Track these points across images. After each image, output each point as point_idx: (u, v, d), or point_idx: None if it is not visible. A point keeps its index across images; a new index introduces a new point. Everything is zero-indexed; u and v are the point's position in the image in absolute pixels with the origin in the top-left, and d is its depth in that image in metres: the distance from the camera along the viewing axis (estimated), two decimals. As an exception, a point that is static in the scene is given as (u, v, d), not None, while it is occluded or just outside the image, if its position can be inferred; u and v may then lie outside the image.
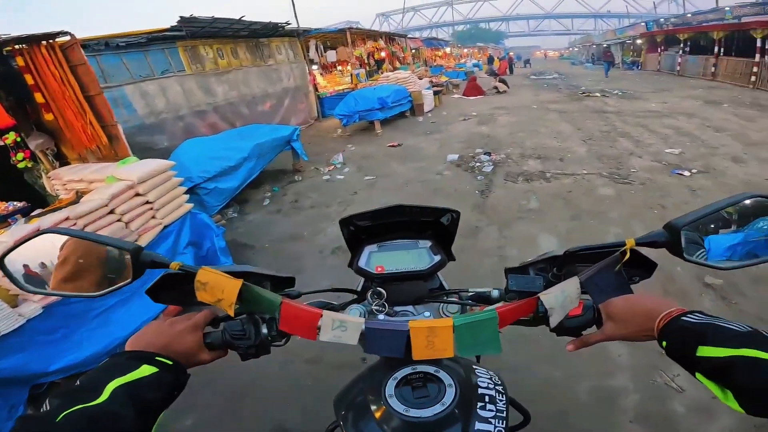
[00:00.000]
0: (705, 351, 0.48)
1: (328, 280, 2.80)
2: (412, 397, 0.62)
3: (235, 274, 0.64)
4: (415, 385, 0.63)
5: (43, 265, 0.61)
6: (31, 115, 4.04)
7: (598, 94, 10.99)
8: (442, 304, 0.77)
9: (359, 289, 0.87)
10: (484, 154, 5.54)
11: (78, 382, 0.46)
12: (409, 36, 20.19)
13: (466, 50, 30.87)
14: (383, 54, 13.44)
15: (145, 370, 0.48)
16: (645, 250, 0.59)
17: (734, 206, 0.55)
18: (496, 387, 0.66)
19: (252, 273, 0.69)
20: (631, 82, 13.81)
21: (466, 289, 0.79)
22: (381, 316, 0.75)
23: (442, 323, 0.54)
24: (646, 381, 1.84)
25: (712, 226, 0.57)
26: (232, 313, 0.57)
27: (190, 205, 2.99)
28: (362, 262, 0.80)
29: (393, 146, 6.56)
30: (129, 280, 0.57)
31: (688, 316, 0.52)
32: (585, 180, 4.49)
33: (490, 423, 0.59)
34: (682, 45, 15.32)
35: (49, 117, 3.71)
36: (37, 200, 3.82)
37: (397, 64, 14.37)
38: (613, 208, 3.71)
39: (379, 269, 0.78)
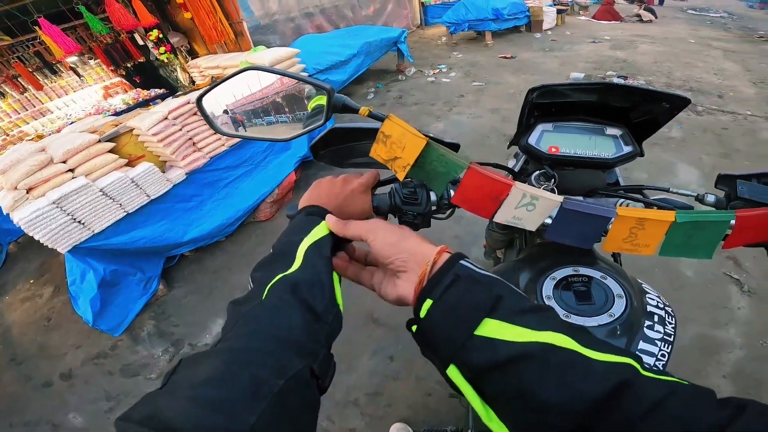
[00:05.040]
0: (488, 328, 0.32)
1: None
2: (573, 302, 0.55)
3: None
4: (578, 290, 0.56)
5: (240, 106, 0.58)
6: (169, 15, 4.49)
7: (783, 38, 8.42)
8: (621, 200, 0.65)
9: (516, 169, 0.78)
10: (618, 77, 4.74)
11: (272, 249, 0.45)
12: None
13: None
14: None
15: (325, 227, 0.46)
16: None
17: None
18: (666, 308, 0.58)
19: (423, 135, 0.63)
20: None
21: (666, 188, 0.64)
22: None
23: (661, 216, 0.45)
24: (756, 341, 1.73)
25: None
26: (402, 176, 0.49)
27: (310, 89, 3.25)
28: (532, 140, 0.68)
29: (505, 57, 5.92)
30: (321, 122, 0.52)
31: (466, 260, 0.38)
32: (747, 121, 3.67)
33: (656, 345, 0.52)
34: None
35: (187, 15, 4.11)
36: (172, 91, 4.43)
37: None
38: (780, 155, 3.04)
39: (553, 150, 0.67)
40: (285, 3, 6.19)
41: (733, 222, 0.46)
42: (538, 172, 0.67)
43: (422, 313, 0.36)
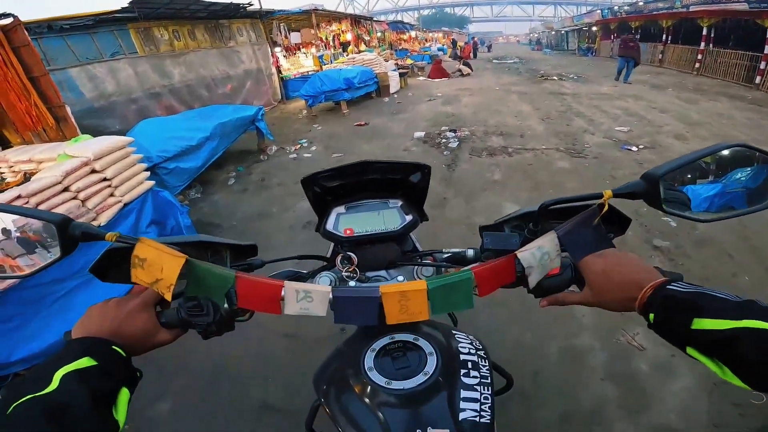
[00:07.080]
0: (702, 324, 0.43)
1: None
2: (392, 368, 0.59)
3: (188, 245, 0.59)
4: (395, 356, 0.61)
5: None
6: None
7: (555, 78, 11.46)
8: (416, 267, 0.73)
9: (329, 254, 0.82)
10: (450, 131, 5.66)
11: (27, 373, 0.46)
12: (374, 19, 19.85)
13: (431, 34, 30.83)
14: (349, 36, 13.15)
15: (86, 361, 0.44)
16: (619, 205, 0.56)
17: (712, 156, 0.52)
18: (478, 352, 0.64)
19: (209, 243, 0.63)
20: (586, 67, 14.49)
21: (440, 250, 0.75)
22: (352, 283, 0.70)
23: (416, 286, 0.51)
24: (610, 340, 1.93)
25: (690, 176, 0.54)
26: (168, 298, 0.49)
27: (151, 183, 2.87)
28: (330, 225, 0.74)
29: (360, 125, 6.54)
30: (58, 255, 0.50)
31: (674, 285, 0.48)
32: (544, 154, 4.72)
33: (476, 390, 0.57)
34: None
35: (-18, 101, 3.46)
36: (-26, 190, 3.59)
37: (363, 47, 14.13)
38: (569, 180, 3.96)
39: (348, 232, 0.73)
40: (124, 83, 5.60)
41: (473, 276, 0.52)
42: (340, 255, 0.71)
43: (650, 319, 0.48)
